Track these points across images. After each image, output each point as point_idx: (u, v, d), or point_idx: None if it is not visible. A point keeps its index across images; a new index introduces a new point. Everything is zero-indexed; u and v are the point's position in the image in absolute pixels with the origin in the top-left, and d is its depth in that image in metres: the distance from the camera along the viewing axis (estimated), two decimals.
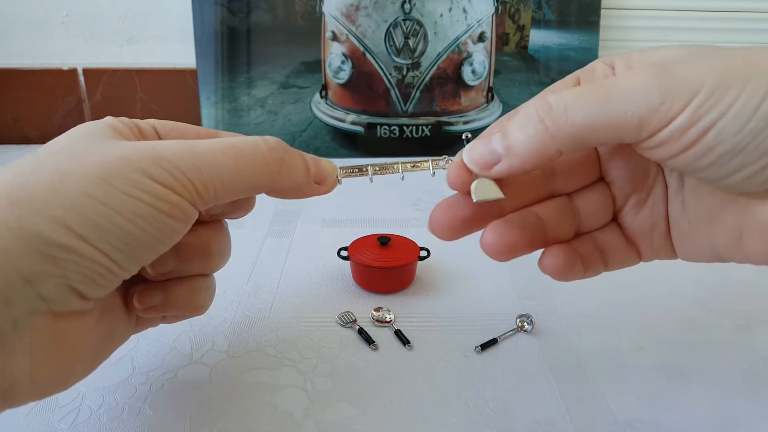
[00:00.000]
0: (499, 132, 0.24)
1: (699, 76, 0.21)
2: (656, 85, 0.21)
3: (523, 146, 0.23)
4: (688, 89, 0.21)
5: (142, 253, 0.23)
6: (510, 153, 0.24)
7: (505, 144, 0.24)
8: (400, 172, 0.30)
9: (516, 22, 0.67)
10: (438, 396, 0.31)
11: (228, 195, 0.25)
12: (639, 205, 0.29)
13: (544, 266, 0.28)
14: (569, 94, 0.23)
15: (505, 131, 0.24)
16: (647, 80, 0.22)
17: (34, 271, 0.20)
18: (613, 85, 0.22)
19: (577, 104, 0.22)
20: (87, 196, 0.21)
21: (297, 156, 0.27)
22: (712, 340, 0.36)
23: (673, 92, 0.21)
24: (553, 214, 0.29)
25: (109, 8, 0.69)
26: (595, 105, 0.22)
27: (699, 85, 0.21)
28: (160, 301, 0.28)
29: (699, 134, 0.21)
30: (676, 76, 0.21)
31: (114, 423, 0.29)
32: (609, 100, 0.22)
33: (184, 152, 0.23)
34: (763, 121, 0.21)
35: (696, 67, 0.22)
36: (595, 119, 0.22)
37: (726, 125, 0.21)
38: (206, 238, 0.29)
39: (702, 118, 0.21)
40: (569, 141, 0.23)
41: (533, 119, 0.23)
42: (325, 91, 0.68)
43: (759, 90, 0.21)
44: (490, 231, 0.27)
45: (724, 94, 0.21)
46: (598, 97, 0.22)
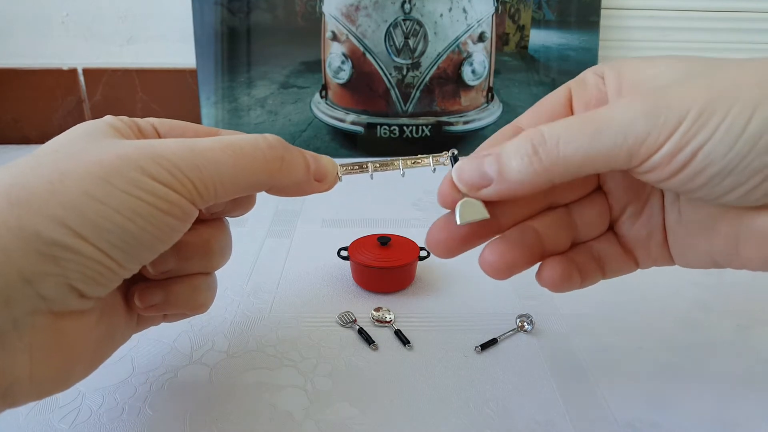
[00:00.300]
0: (492, 156, 0.24)
1: (685, 102, 0.22)
2: (643, 116, 0.22)
3: (516, 175, 0.24)
4: (674, 117, 0.22)
5: (142, 251, 0.23)
6: (502, 179, 0.24)
7: (497, 169, 0.24)
8: (401, 169, 0.30)
9: (516, 22, 0.67)
10: (438, 396, 0.31)
11: (228, 193, 0.25)
12: (636, 214, 0.29)
13: (542, 279, 0.29)
14: (561, 127, 0.23)
15: (499, 156, 0.24)
16: (635, 112, 0.22)
17: (34, 271, 0.20)
18: (602, 119, 0.23)
19: (569, 138, 0.23)
20: (86, 196, 0.21)
21: (297, 153, 0.27)
22: (712, 340, 0.36)
23: (660, 122, 0.22)
24: (550, 227, 0.29)
25: (109, 8, 0.69)
26: (586, 138, 0.23)
27: (685, 111, 0.21)
28: (161, 300, 0.28)
29: (687, 159, 0.22)
30: (663, 104, 0.22)
31: (114, 423, 0.29)
32: (599, 134, 0.22)
33: (184, 151, 0.23)
34: (749, 143, 0.21)
35: (683, 91, 0.22)
36: (587, 152, 0.23)
37: (713, 149, 0.21)
38: (207, 237, 0.29)
39: (688, 143, 0.22)
40: (561, 172, 0.23)
41: (527, 149, 0.23)
42: (325, 91, 0.68)
43: (744, 111, 0.21)
44: (489, 250, 0.27)
45: (710, 118, 0.21)
46: (589, 130, 0.23)
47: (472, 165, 0.25)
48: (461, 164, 0.26)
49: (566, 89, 0.28)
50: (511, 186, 0.24)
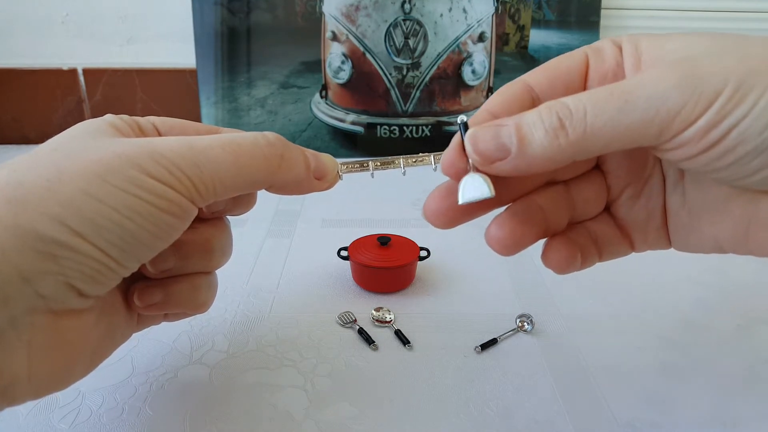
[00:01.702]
0: (511, 126, 0.22)
1: (722, 75, 0.20)
2: (677, 87, 0.21)
3: (538, 149, 0.22)
4: (710, 90, 0.20)
5: (141, 250, 0.23)
6: (522, 153, 0.22)
7: (517, 141, 0.22)
8: (402, 167, 0.30)
9: (516, 22, 0.67)
10: (438, 396, 0.31)
11: (227, 191, 0.25)
12: (634, 196, 0.28)
13: (548, 261, 0.27)
14: (588, 99, 0.22)
15: (519, 127, 0.22)
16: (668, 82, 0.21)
17: (32, 269, 0.20)
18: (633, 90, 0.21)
19: (597, 110, 0.21)
20: (84, 194, 0.21)
21: (297, 151, 0.27)
22: (712, 340, 0.36)
23: (696, 93, 0.20)
24: (551, 202, 0.28)
25: (109, 8, 0.69)
26: (615, 111, 0.21)
27: (722, 85, 0.20)
28: (161, 299, 0.28)
29: (721, 135, 0.21)
30: (698, 75, 0.21)
31: (114, 423, 0.29)
32: (629, 105, 0.21)
33: (183, 149, 0.23)
34: None
35: (718, 63, 0.21)
36: (616, 125, 0.21)
37: (749, 125, 0.20)
38: (207, 236, 0.29)
39: (725, 118, 0.20)
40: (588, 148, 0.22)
41: (553, 122, 0.22)
42: (325, 91, 0.68)
43: None
44: (496, 226, 0.26)
45: (748, 94, 0.20)
46: (617, 103, 0.21)
47: (488, 134, 0.23)
48: (476, 132, 0.23)
49: (583, 55, 0.26)
50: (532, 161, 0.22)
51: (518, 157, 0.22)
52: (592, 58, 0.26)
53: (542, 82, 0.26)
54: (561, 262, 0.27)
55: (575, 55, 0.26)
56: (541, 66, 0.27)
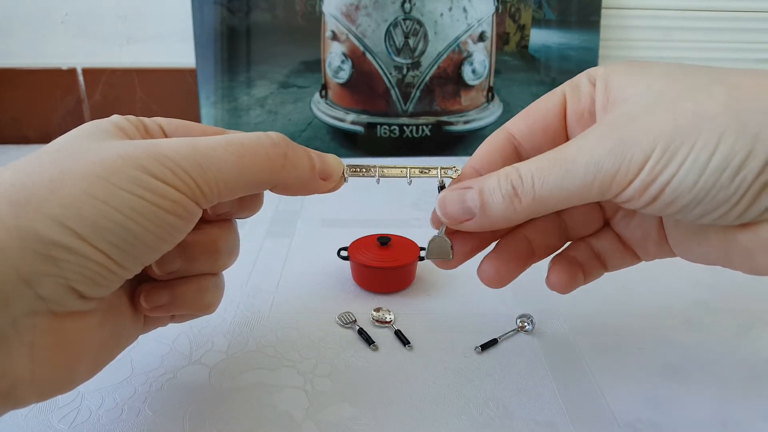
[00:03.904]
0: (474, 191, 0.26)
1: (651, 137, 0.22)
2: (610, 153, 0.23)
3: (497, 212, 0.25)
4: (640, 154, 0.22)
5: (143, 251, 0.23)
6: (484, 215, 0.26)
7: (480, 205, 0.26)
8: (408, 177, 0.30)
9: (516, 21, 0.67)
10: (438, 396, 0.31)
11: (231, 192, 0.25)
12: (629, 215, 0.30)
13: (551, 284, 0.30)
14: (536, 168, 0.24)
15: (481, 193, 0.26)
16: (602, 150, 0.23)
17: (33, 271, 0.20)
18: (573, 157, 0.24)
19: (543, 179, 0.24)
20: (87, 195, 0.21)
21: (301, 151, 0.27)
22: (712, 340, 0.36)
23: (627, 159, 0.23)
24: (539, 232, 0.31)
25: (108, 8, 0.68)
26: (558, 179, 0.24)
27: (650, 147, 0.22)
28: (167, 301, 0.28)
29: (656, 192, 0.23)
30: (629, 140, 0.23)
31: (113, 424, 0.29)
32: (570, 174, 0.24)
33: (186, 149, 0.23)
34: (714, 175, 0.22)
35: (649, 123, 0.23)
36: (560, 191, 0.24)
37: (679, 183, 0.22)
38: (214, 237, 0.29)
39: (656, 179, 0.22)
40: (539, 209, 0.25)
41: (507, 189, 0.25)
42: (324, 91, 0.68)
43: (708, 146, 0.22)
44: (485, 265, 0.30)
45: (675, 153, 0.22)
46: (560, 171, 0.24)
47: (454, 199, 0.27)
48: (444, 196, 0.27)
49: (561, 95, 0.29)
50: (494, 222, 0.26)
51: (481, 218, 0.26)
52: (569, 97, 0.28)
53: (522, 129, 0.29)
54: (563, 284, 0.30)
55: (553, 96, 0.29)
56: (523, 111, 0.30)
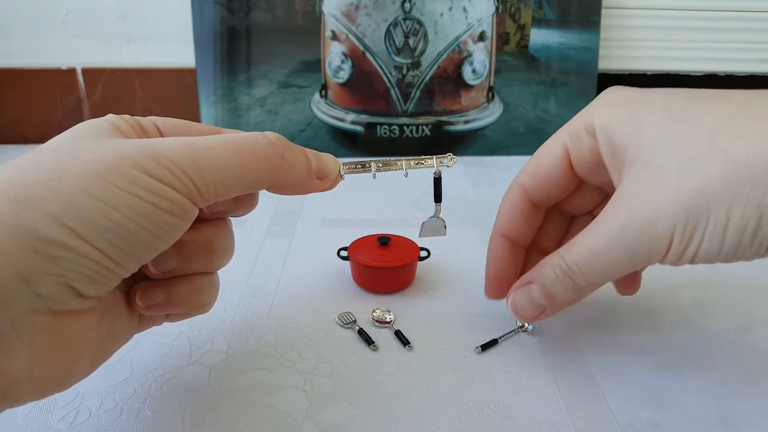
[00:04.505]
0: (538, 287, 0.30)
1: (668, 220, 0.25)
2: (637, 241, 0.26)
3: (562, 300, 0.30)
4: (663, 239, 0.26)
5: (141, 250, 0.23)
6: (554, 305, 0.30)
7: (547, 299, 0.30)
8: (404, 169, 0.30)
9: (516, 21, 0.67)
10: (438, 396, 0.31)
11: (228, 191, 0.25)
12: None
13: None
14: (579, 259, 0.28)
15: (544, 288, 0.30)
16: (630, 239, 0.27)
17: (31, 270, 0.20)
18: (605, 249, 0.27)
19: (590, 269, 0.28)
20: (84, 194, 0.21)
21: (298, 151, 0.27)
22: (712, 340, 0.36)
23: (654, 244, 0.26)
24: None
25: (108, 8, 0.68)
26: (603, 266, 0.28)
27: (670, 232, 0.26)
28: (163, 300, 0.28)
29: (690, 258, 0.26)
30: (648, 228, 0.26)
31: (113, 424, 0.29)
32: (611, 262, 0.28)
33: (183, 149, 0.23)
34: (734, 243, 0.25)
35: (662, 208, 0.26)
36: (608, 273, 0.28)
37: (706, 252, 0.25)
38: (209, 236, 0.29)
39: (685, 251, 0.26)
40: (597, 286, 0.29)
41: (566, 282, 0.29)
42: (324, 91, 0.68)
43: (719, 223, 0.25)
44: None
45: (693, 234, 0.25)
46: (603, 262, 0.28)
47: (524, 301, 0.31)
48: (514, 301, 0.32)
49: (562, 146, 0.31)
50: (563, 307, 0.31)
51: (552, 308, 0.31)
52: (572, 150, 0.31)
53: (533, 186, 0.33)
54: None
55: (555, 149, 0.32)
56: (530, 164, 0.33)
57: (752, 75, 0.72)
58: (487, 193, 0.58)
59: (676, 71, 0.71)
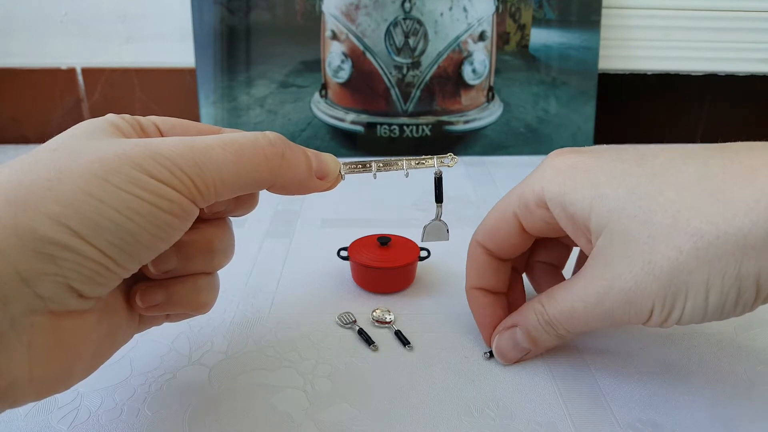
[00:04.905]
0: (521, 331, 0.32)
1: (647, 295, 0.26)
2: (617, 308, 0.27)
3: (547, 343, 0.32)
4: (644, 310, 0.26)
5: (141, 250, 0.23)
6: (537, 347, 0.32)
7: (531, 343, 0.32)
8: (404, 169, 0.30)
9: (517, 21, 0.67)
10: (438, 397, 0.31)
11: (228, 191, 0.25)
12: None
13: None
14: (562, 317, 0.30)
15: (528, 332, 0.31)
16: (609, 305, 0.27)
17: (31, 270, 0.20)
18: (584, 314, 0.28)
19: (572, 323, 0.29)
20: (84, 194, 0.21)
21: (298, 151, 0.27)
22: (712, 340, 0.36)
23: (634, 312, 0.27)
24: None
25: (108, 7, 0.68)
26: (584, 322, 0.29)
27: (649, 306, 0.26)
28: (163, 300, 0.28)
29: (673, 324, 0.26)
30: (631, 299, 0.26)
31: (113, 424, 0.29)
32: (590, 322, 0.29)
33: (183, 148, 0.23)
34: (716, 312, 0.25)
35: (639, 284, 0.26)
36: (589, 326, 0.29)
37: (689, 319, 0.26)
38: (209, 236, 0.29)
39: (667, 319, 0.26)
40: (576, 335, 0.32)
41: (548, 329, 0.31)
42: (324, 91, 0.68)
43: (699, 297, 0.25)
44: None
45: (673, 307, 0.26)
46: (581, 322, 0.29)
47: (509, 346, 0.32)
48: (499, 346, 0.33)
49: (514, 217, 0.32)
50: (546, 348, 0.33)
51: (536, 350, 0.33)
52: (523, 220, 0.32)
53: (492, 246, 0.34)
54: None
55: (507, 217, 0.32)
56: (485, 227, 0.34)
57: (752, 75, 0.72)
58: (488, 193, 0.58)
59: (676, 71, 0.71)
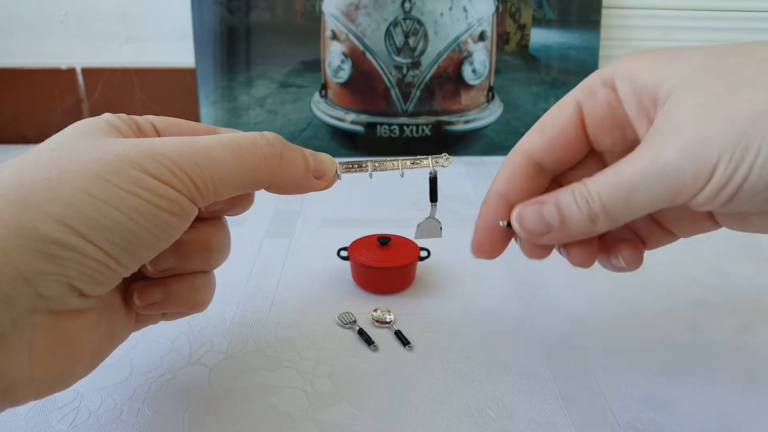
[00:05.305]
0: (551, 205, 0.26)
1: (714, 145, 0.22)
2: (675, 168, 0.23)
3: (575, 226, 0.26)
4: (707, 164, 0.22)
5: (142, 250, 0.23)
6: (563, 230, 0.26)
7: (558, 220, 0.26)
8: (400, 169, 0.30)
9: (517, 21, 0.67)
10: (438, 397, 0.31)
11: (227, 191, 0.25)
12: None
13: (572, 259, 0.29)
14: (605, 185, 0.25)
15: (559, 207, 0.26)
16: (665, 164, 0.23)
17: (33, 270, 0.20)
18: (637, 177, 0.24)
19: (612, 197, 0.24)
20: (85, 194, 0.21)
21: (296, 151, 0.27)
22: (713, 340, 0.36)
23: (694, 170, 0.23)
24: None
25: (108, 7, 0.68)
26: (626, 197, 0.24)
27: (716, 156, 0.22)
28: (160, 299, 0.28)
29: (731, 194, 0.23)
30: (692, 152, 0.23)
31: (113, 424, 0.29)
32: (637, 193, 0.24)
33: (183, 148, 0.23)
34: None
35: (708, 131, 0.22)
36: (630, 206, 0.24)
37: (753, 183, 0.22)
38: (206, 235, 0.29)
39: (728, 184, 0.22)
40: (612, 223, 0.25)
41: (584, 206, 0.25)
42: (324, 91, 0.68)
43: None
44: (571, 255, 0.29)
45: (743, 159, 0.22)
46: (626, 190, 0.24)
47: (532, 213, 0.27)
48: (521, 211, 0.27)
49: (575, 104, 0.28)
50: (571, 235, 0.26)
51: (560, 232, 0.26)
52: (585, 106, 0.28)
53: (540, 147, 0.29)
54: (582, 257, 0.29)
55: (566, 106, 0.28)
56: (536, 126, 0.29)
57: None
58: None
59: None
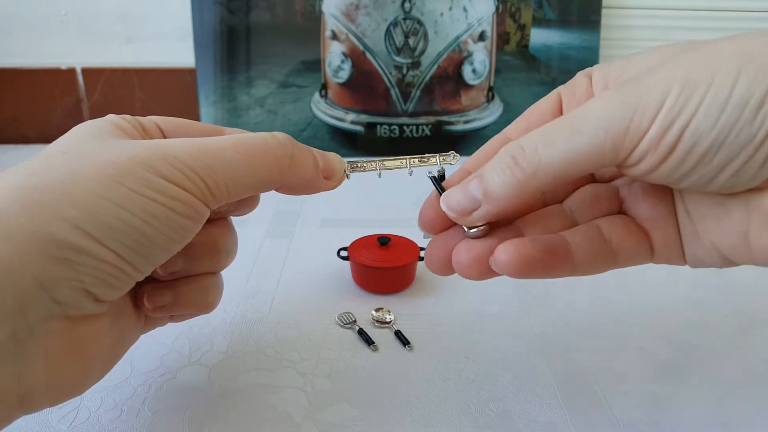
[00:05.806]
0: (476, 178, 0.24)
1: (664, 83, 0.21)
2: (621, 104, 0.21)
3: (500, 190, 0.23)
4: (655, 100, 0.21)
5: (156, 253, 0.23)
6: (489, 198, 0.24)
7: (482, 190, 0.24)
8: (408, 167, 0.30)
9: (517, 21, 0.67)
10: (438, 397, 0.31)
11: (239, 192, 0.25)
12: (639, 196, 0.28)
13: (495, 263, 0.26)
14: (539, 133, 0.23)
15: (481, 177, 0.24)
16: (611, 102, 0.21)
17: (49, 276, 0.20)
18: (578, 117, 0.22)
19: (547, 142, 0.22)
20: (99, 197, 0.21)
21: (306, 151, 0.27)
22: (712, 340, 0.36)
23: (641, 107, 0.21)
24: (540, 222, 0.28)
25: (108, 7, 0.68)
26: (566, 140, 0.22)
27: (665, 91, 0.21)
28: (170, 301, 0.28)
29: (675, 139, 0.21)
30: (641, 89, 0.21)
31: (113, 424, 0.29)
32: (578, 133, 0.22)
33: (195, 150, 0.23)
34: (736, 112, 0.20)
35: (662, 73, 0.21)
36: (567, 153, 0.22)
37: (699, 123, 0.20)
38: (214, 237, 0.29)
39: (674, 122, 0.21)
40: (546, 179, 0.23)
41: (508, 162, 0.23)
42: (324, 91, 0.68)
43: (727, 79, 0.20)
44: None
45: (693, 92, 0.20)
46: (566, 131, 0.22)
47: (457, 190, 0.25)
48: (448, 192, 0.25)
49: (556, 95, 0.28)
50: (499, 203, 0.24)
51: (487, 203, 0.24)
52: (564, 96, 0.27)
53: (518, 130, 0.28)
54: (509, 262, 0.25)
55: (549, 96, 0.28)
56: (520, 116, 0.28)
57: None
58: None
59: None
